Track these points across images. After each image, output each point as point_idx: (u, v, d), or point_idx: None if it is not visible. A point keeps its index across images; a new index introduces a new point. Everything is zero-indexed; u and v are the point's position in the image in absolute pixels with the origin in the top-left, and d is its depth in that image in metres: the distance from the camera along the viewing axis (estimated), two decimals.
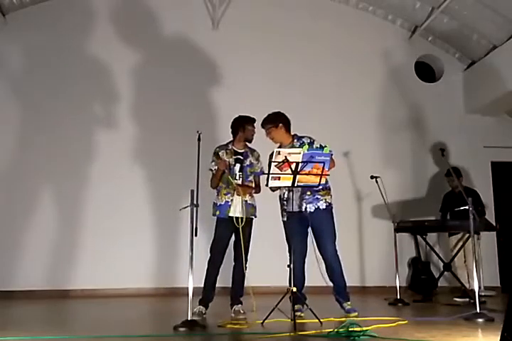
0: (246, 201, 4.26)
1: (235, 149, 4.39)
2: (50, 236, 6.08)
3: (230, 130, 4.43)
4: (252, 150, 4.45)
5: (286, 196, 4.16)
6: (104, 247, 6.13)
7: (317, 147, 4.27)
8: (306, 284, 4.33)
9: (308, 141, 4.33)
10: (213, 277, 4.22)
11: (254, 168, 4.39)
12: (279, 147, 4.28)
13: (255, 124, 4.42)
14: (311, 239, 4.29)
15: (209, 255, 4.23)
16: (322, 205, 4.26)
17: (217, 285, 4.31)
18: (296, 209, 4.20)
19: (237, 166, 4.33)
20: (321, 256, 4.25)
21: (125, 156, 6.40)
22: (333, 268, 4.26)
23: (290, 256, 4.18)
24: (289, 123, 4.37)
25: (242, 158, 4.36)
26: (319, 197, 4.27)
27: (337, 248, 4.27)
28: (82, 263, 6.06)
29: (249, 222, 4.29)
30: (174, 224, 6.13)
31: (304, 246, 4.27)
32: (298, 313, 4.01)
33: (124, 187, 6.32)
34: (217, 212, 4.26)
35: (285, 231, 4.30)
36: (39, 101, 6.40)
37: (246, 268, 4.28)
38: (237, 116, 4.44)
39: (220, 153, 4.33)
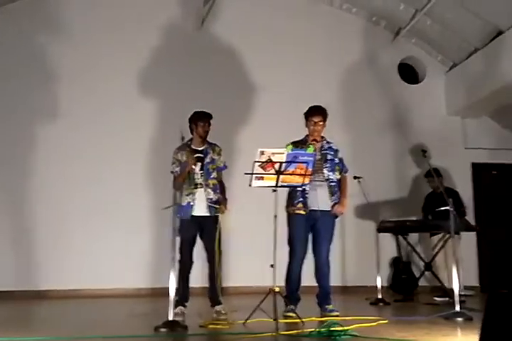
0: (211, 199, 4.21)
1: (194, 148, 4.31)
2: (30, 236, 5.99)
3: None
4: (213, 146, 4.38)
5: (312, 191, 4.19)
6: (85, 247, 6.06)
7: (340, 158, 4.41)
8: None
9: (336, 148, 4.44)
10: (185, 277, 4.18)
11: (216, 163, 4.33)
12: (304, 141, 4.34)
13: (211, 120, 4.33)
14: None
15: (178, 256, 4.17)
16: None
17: (198, 285, 4.30)
18: (315, 207, 4.21)
19: (198, 165, 4.26)
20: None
21: (111, 155, 6.33)
22: (324, 272, 4.31)
23: (291, 256, 4.22)
24: None
25: (202, 155, 4.28)
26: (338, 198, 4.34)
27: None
28: (63, 264, 5.97)
29: (214, 220, 4.23)
30: (157, 224, 6.10)
31: (306, 248, 4.31)
32: (289, 313, 4.02)
33: (107, 186, 6.25)
34: (180, 213, 4.18)
35: (290, 227, 4.29)
36: (7, 102, 6.28)
37: (220, 267, 4.23)
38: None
39: (178, 155, 4.27)
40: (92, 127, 6.37)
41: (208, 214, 4.20)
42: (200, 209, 4.20)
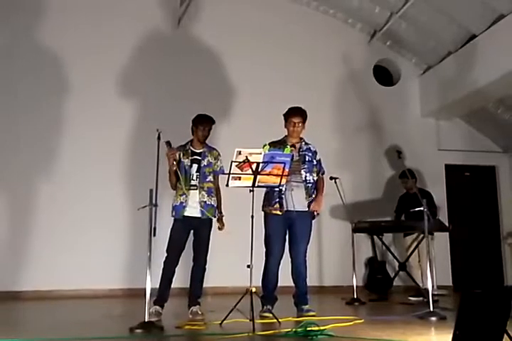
0: (204, 201, 4.22)
1: (193, 149, 4.35)
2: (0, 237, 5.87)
3: None
4: (211, 149, 4.40)
5: (289, 192, 4.19)
6: (59, 247, 5.95)
7: (318, 160, 4.44)
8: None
9: (314, 150, 4.46)
10: (168, 278, 4.17)
11: (212, 167, 4.34)
12: (282, 142, 4.36)
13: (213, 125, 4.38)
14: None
15: (165, 255, 4.19)
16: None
17: (175, 285, 4.27)
18: (291, 207, 4.20)
19: (194, 167, 4.28)
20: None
21: (88, 154, 6.23)
22: (301, 272, 4.32)
23: (267, 256, 4.23)
24: None
25: (199, 158, 4.31)
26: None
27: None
28: (35, 264, 5.86)
29: (207, 223, 4.25)
30: (133, 224, 6.04)
31: (283, 249, 4.30)
32: (266, 314, 4.03)
33: (80, 186, 6.16)
34: (173, 213, 4.24)
35: (267, 227, 4.30)
36: None
37: (205, 269, 4.25)
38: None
39: (176, 154, 4.27)
40: (67, 125, 6.27)
41: (200, 216, 4.20)
42: (193, 211, 4.21)
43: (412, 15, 6.84)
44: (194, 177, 4.26)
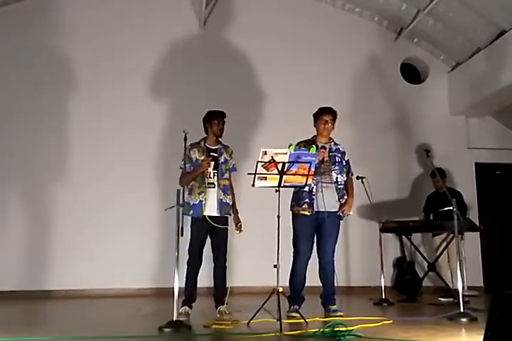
0: (221, 199, 4.22)
1: (208, 146, 4.32)
2: (32, 235, 6.01)
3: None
4: (226, 147, 4.40)
5: (320, 193, 4.20)
6: (89, 247, 6.07)
7: (347, 160, 4.44)
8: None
9: (343, 151, 4.46)
10: (193, 278, 4.19)
11: (228, 164, 4.33)
12: (311, 141, 4.36)
13: (225, 119, 4.34)
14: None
15: (187, 256, 4.19)
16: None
17: (202, 285, 4.30)
18: (321, 208, 4.19)
19: (211, 164, 4.25)
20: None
21: (117, 156, 6.33)
22: (329, 272, 4.30)
23: (295, 256, 4.23)
24: None
25: (216, 155, 4.29)
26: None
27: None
28: (66, 263, 5.99)
29: (225, 221, 4.24)
30: (161, 224, 6.10)
31: (311, 249, 4.30)
32: (293, 314, 4.03)
33: (110, 186, 6.26)
34: (191, 212, 4.18)
35: (296, 227, 4.29)
36: (15, 103, 6.30)
37: (226, 267, 4.24)
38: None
39: (191, 152, 4.26)
40: (96, 129, 6.38)
41: (218, 215, 4.20)
42: (211, 209, 4.20)
43: (439, 12, 6.74)
44: (211, 175, 4.24)
